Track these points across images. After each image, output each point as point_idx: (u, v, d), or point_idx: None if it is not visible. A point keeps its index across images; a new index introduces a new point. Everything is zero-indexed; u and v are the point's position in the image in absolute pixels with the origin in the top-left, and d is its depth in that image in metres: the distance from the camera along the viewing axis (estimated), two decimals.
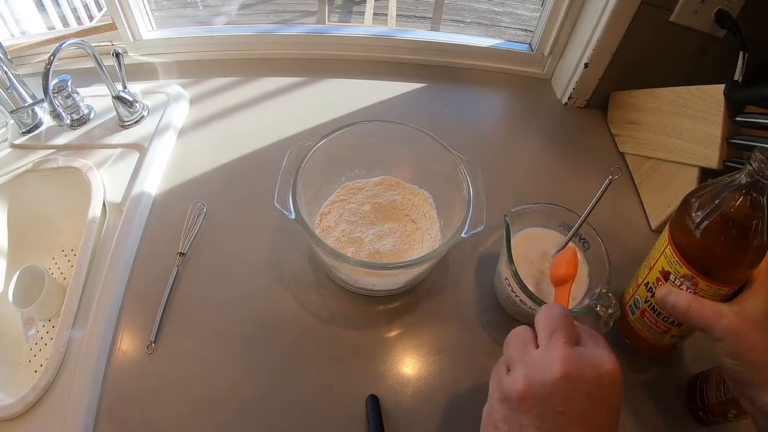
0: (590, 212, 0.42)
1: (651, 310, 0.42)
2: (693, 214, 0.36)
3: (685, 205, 0.38)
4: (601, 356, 0.28)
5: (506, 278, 0.46)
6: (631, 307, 0.45)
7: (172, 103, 0.68)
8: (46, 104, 0.60)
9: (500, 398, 0.30)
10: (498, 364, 0.32)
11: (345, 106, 0.72)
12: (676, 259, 0.38)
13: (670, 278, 0.39)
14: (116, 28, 0.74)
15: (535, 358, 0.29)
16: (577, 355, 0.28)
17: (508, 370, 0.31)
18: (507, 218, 0.46)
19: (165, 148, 0.63)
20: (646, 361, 0.48)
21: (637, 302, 0.44)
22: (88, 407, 0.42)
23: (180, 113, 0.69)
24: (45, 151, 0.62)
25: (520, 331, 0.32)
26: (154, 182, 0.60)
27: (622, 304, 0.47)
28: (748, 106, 0.48)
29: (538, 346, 0.30)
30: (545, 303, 0.41)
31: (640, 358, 0.48)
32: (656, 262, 0.41)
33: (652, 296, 0.41)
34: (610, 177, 0.39)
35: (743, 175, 0.33)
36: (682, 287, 0.38)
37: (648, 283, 0.42)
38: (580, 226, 0.44)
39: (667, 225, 0.40)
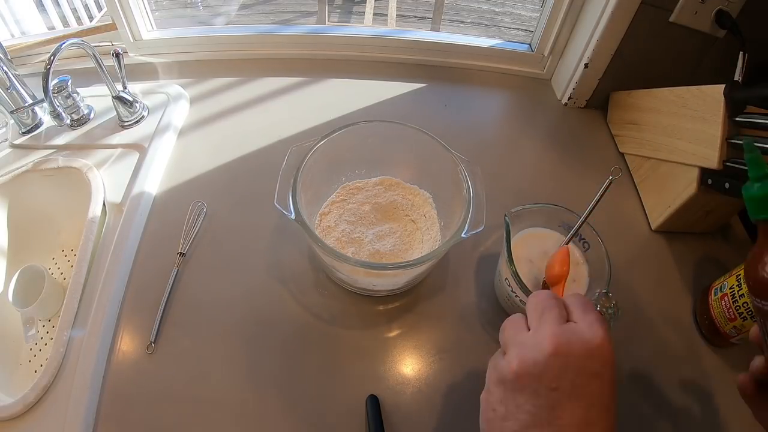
0: (590, 212, 0.42)
1: (731, 296, 0.47)
2: None
3: None
4: (591, 331, 0.29)
5: (506, 278, 0.46)
6: (716, 289, 0.50)
7: (172, 103, 0.68)
8: (46, 104, 0.60)
9: (496, 380, 0.30)
10: (496, 353, 0.33)
11: (345, 106, 0.72)
12: None
13: None
14: (116, 28, 0.74)
15: (527, 339, 0.30)
16: (565, 332, 0.28)
17: (504, 354, 0.31)
18: (507, 218, 0.46)
19: (165, 148, 0.63)
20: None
21: (723, 287, 0.49)
22: (88, 407, 0.42)
23: (180, 113, 0.69)
24: (45, 151, 0.62)
25: (513, 318, 0.33)
26: (154, 182, 0.60)
27: (710, 288, 0.51)
28: (748, 106, 0.48)
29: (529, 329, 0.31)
30: None
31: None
32: None
33: (738, 285, 0.46)
34: (611, 177, 0.39)
35: None
36: None
37: (739, 275, 0.47)
38: (580, 226, 0.43)
39: None
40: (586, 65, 0.68)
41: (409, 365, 0.47)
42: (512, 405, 0.28)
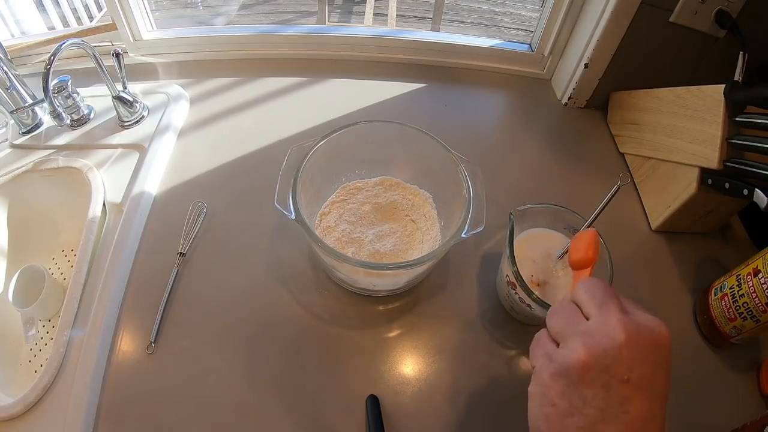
0: (596, 218, 0.42)
1: (731, 296, 0.47)
2: None
3: None
4: (653, 321, 0.28)
5: (507, 275, 0.46)
6: (716, 289, 0.50)
7: (172, 103, 0.68)
8: (46, 104, 0.60)
9: (555, 373, 0.27)
10: (539, 339, 0.31)
11: (345, 106, 0.72)
12: None
13: (759, 275, 0.44)
14: (116, 28, 0.74)
15: (592, 327, 0.28)
16: (633, 321, 0.27)
17: (557, 344, 0.29)
18: (512, 216, 0.46)
19: (165, 148, 0.63)
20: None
21: (723, 287, 0.49)
22: (88, 407, 0.42)
23: (180, 113, 0.69)
24: (45, 151, 0.62)
25: (563, 304, 0.31)
26: (154, 182, 0.60)
27: (710, 288, 0.52)
28: (748, 106, 0.48)
29: (586, 319, 0.29)
30: (547, 304, 0.41)
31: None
32: (753, 261, 0.46)
33: (738, 285, 0.47)
34: (618, 184, 0.38)
35: None
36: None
37: (739, 275, 0.47)
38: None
39: None
40: (586, 65, 0.68)
41: (409, 365, 0.47)
42: (577, 399, 0.26)
